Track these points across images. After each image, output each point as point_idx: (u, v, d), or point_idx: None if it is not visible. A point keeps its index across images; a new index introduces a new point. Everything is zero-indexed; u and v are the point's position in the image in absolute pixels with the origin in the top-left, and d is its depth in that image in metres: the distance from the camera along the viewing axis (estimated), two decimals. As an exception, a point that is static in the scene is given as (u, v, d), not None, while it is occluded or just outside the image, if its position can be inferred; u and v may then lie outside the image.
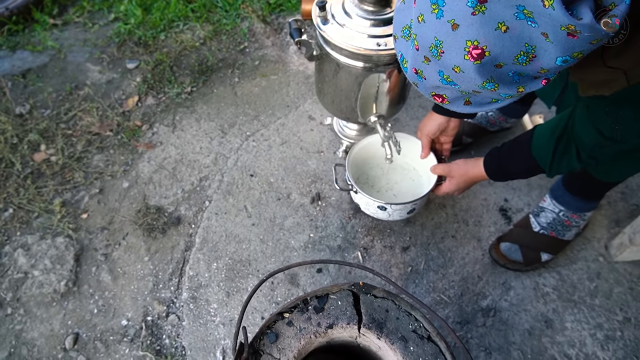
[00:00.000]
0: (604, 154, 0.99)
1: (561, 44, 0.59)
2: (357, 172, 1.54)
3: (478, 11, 0.59)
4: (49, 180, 1.66)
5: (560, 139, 1.04)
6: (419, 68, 0.72)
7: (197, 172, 1.68)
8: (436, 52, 0.66)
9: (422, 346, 0.99)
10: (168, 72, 1.96)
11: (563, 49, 0.60)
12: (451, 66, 0.66)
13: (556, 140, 1.05)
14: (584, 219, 1.43)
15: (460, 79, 0.68)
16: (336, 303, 1.03)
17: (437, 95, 0.77)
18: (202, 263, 1.48)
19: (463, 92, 0.73)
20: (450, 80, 0.70)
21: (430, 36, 0.65)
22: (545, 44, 0.61)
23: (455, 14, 0.61)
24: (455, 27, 0.62)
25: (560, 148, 1.05)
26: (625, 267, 1.45)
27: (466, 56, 0.63)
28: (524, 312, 1.39)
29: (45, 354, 1.35)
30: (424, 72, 0.72)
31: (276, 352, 0.98)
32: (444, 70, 0.69)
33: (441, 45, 0.65)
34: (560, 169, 1.09)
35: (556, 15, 0.55)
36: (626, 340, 1.33)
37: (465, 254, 1.49)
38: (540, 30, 0.59)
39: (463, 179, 1.32)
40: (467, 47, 0.62)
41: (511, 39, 0.61)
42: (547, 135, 1.08)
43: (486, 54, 0.62)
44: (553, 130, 1.06)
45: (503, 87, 0.68)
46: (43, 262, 1.49)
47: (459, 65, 0.65)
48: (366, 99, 1.42)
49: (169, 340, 1.37)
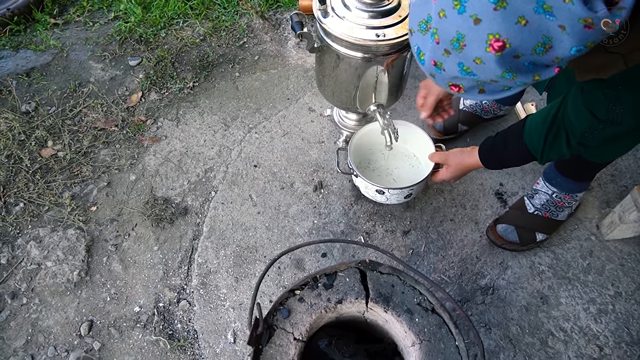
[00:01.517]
0: (593, 140, 1.05)
1: (577, 35, 0.65)
2: (359, 157, 1.60)
3: (500, 6, 0.64)
4: (58, 174, 1.71)
5: (551, 127, 1.10)
6: (438, 60, 0.77)
7: (202, 164, 1.73)
8: (458, 45, 0.71)
9: (427, 317, 1.05)
10: (170, 68, 2.00)
11: (578, 40, 0.65)
12: (472, 58, 0.71)
13: (547, 128, 1.10)
14: (576, 200, 1.49)
15: (480, 70, 0.73)
16: (344, 280, 1.09)
17: (454, 85, 0.82)
18: (210, 251, 1.53)
19: (480, 81, 0.78)
20: (470, 71, 0.74)
21: (452, 30, 0.70)
22: (562, 36, 0.66)
23: (478, 9, 0.66)
24: (478, 21, 0.67)
25: (551, 136, 1.10)
26: (616, 245, 1.52)
27: (487, 48, 0.68)
28: (521, 290, 1.45)
29: (61, 341, 1.40)
30: (444, 64, 0.77)
31: (289, 326, 1.04)
32: (464, 62, 0.74)
33: (463, 39, 0.70)
34: (550, 156, 1.14)
35: (575, 10, 0.61)
36: (617, 313, 1.40)
37: (463, 237, 1.55)
38: (557, 23, 0.64)
39: (459, 167, 1.37)
40: (488, 40, 0.67)
41: (530, 31, 0.66)
42: (539, 123, 1.13)
43: (507, 46, 0.67)
44: (544, 118, 1.11)
45: (520, 76, 0.73)
46: (55, 253, 1.53)
47: (480, 57, 0.70)
48: (366, 88, 1.48)
49: (180, 325, 1.42)
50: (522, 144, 1.18)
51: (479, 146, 1.31)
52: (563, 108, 1.07)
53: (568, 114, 1.05)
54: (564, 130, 1.07)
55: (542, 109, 1.16)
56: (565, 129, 1.07)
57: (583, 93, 0.99)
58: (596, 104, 0.96)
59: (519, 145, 1.19)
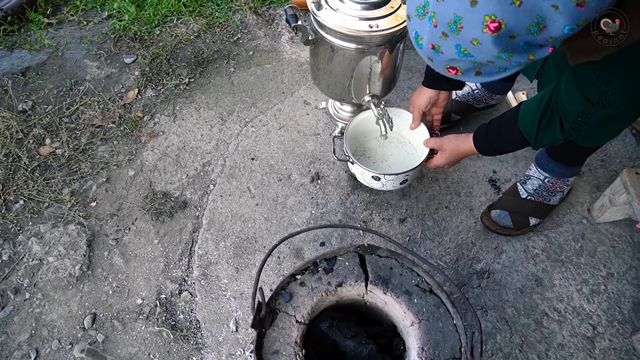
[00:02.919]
0: (586, 123, 1.08)
1: (570, 14, 0.67)
2: (355, 144, 1.62)
3: None
4: (57, 171, 1.72)
5: (545, 112, 1.13)
6: (436, 43, 0.80)
7: (200, 158, 1.75)
8: (455, 28, 0.74)
9: (425, 298, 1.07)
10: (165, 64, 2.02)
11: (571, 19, 0.68)
12: (469, 39, 0.74)
13: (541, 114, 1.13)
14: (567, 184, 1.53)
15: (477, 51, 0.75)
16: (344, 264, 1.12)
17: (451, 67, 0.84)
18: (210, 242, 1.56)
19: (476, 63, 0.80)
20: (467, 52, 0.77)
21: (450, 13, 0.73)
22: (555, 15, 0.68)
23: None
24: (474, 3, 0.69)
25: (544, 120, 1.13)
26: (607, 228, 1.56)
27: (484, 29, 0.71)
28: (515, 273, 1.48)
29: (65, 334, 1.42)
30: (441, 47, 0.80)
31: (291, 309, 1.06)
32: (461, 44, 0.76)
33: (460, 21, 0.72)
34: (544, 141, 1.18)
35: None
36: (610, 293, 1.44)
37: (458, 223, 1.58)
38: (550, 2, 0.67)
39: (454, 153, 1.40)
40: (484, 22, 0.70)
41: (524, 12, 0.68)
42: (533, 109, 1.17)
43: (502, 27, 0.70)
44: (538, 104, 1.15)
45: (516, 56, 0.76)
46: (57, 248, 1.55)
47: (477, 38, 0.73)
48: (360, 79, 1.51)
49: (183, 315, 1.44)
50: (516, 130, 1.21)
51: (473, 132, 1.34)
52: (556, 93, 1.10)
53: (561, 98, 1.08)
54: (557, 115, 1.10)
55: (536, 95, 1.19)
56: (558, 113, 1.10)
57: (576, 77, 1.02)
58: (589, 86, 0.99)
59: (513, 130, 1.22)
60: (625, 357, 1.33)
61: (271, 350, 1.01)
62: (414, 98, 1.49)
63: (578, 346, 1.35)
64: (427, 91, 1.44)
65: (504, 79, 1.68)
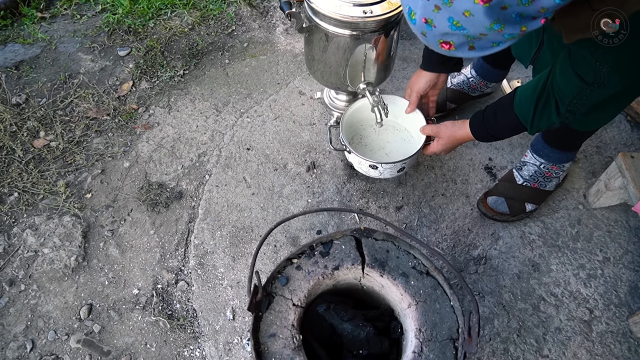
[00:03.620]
0: (581, 106, 1.08)
1: None
2: (351, 133, 1.62)
3: None
4: (51, 164, 1.71)
5: (541, 96, 1.13)
6: (429, 17, 0.80)
7: (195, 149, 1.75)
8: (447, 0, 0.74)
9: (422, 280, 1.07)
10: (159, 57, 2.01)
11: None
12: (462, 11, 0.74)
13: (537, 97, 1.13)
14: (563, 170, 1.53)
15: (470, 23, 0.75)
16: (340, 247, 1.12)
17: (444, 42, 0.84)
18: (206, 232, 1.55)
19: (469, 37, 0.80)
20: (459, 25, 0.77)
21: None
22: None
23: None
24: None
25: (540, 104, 1.13)
26: (603, 213, 1.56)
27: (476, 0, 0.71)
28: (512, 259, 1.48)
29: (61, 325, 1.41)
30: (434, 21, 0.79)
31: (288, 293, 1.06)
32: (454, 17, 0.76)
33: None
34: (540, 125, 1.18)
35: None
36: (606, 277, 1.44)
37: (455, 210, 1.58)
38: None
39: (450, 139, 1.40)
40: None
41: None
42: (528, 93, 1.17)
43: None
44: (534, 88, 1.15)
45: (508, 27, 0.76)
46: (52, 240, 1.54)
47: (469, 9, 0.72)
48: (355, 67, 1.50)
49: (179, 304, 1.44)
50: (513, 114, 1.21)
51: (469, 118, 1.34)
52: (552, 76, 1.10)
53: (557, 80, 1.08)
54: (553, 98, 1.11)
55: (531, 80, 1.19)
56: (554, 96, 1.10)
57: (571, 57, 1.02)
58: (584, 65, 0.99)
59: (509, 115, 1.22)
60: (622, 339, 1.34)
61: (268, 333, 1.01)
62: (412, 82, 1.49)
63: (575, 330, 1.36)
64: (426, 74, 1.43)
65: (499, 66, 1.68)
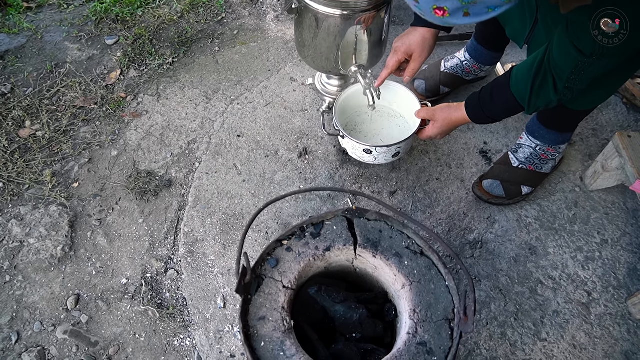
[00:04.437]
0: (579, 81, 1.04)
1: None
2: (345, 119, 1.59)
3: None
4: (37, 153, 1.67)
5: (538, 73, 1.09)
6: None
7: (184, 137, 1.71)
8: None
9: (416, 260, 1.04)
10: (148, 45, 1.98)
11: None
12: None
13: (534, 75, 1.10)
14: (559, 152, 1.50)
15: None
16: (331, 228, 1.08)
17: (438, 8, 0.81)
18: (196, 220, 1.52)
19: (464, 1, 0.78)
20: None
21: None
22: None
23: None
24: None
25: (537, 82, 1.10)
26: (600, 195, 1.53)
27: None
28: (509, 242, 1.46)
29: (47, 316, 1.37)
30: None
31: (278, 275, 1.03)
32: None
33: None
34: (538, 103, 1.15)
35: None
36: (604, 260, 1.42)
37: (450, 194, 1.55)
38: None
39: (446, 122, 1.37)
40: None
41: None
42: (525, 71, 1.14)
43: None
44: (530, 66, 1.12)
45: None
46: (38, 230, 1.50)
47: None
48: (346, 49, 1.47)
49: (169, 293, 1.40)
50: (509, 94, 1.18)
51: (465, 100, 1.31)
52: (549, 52, 1.07)
53: (554, 56, 1.05)
54: (550, 75, 1.08)
55: (528, 58, 1.16)
56: (552, 73, 1.07)
57: (568, 29, 0.99)
58: (582, 36, 0.96)
59: (506, 95, 1.19)
60: (621, 321, 1.31)
61: (257, 317, 0.97)
62: (404, 39, 1.40)
63: (573, 312, 1.33)
64: (420, 30, 1.37)
65: (493, 49, 1.65)
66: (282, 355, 0.92)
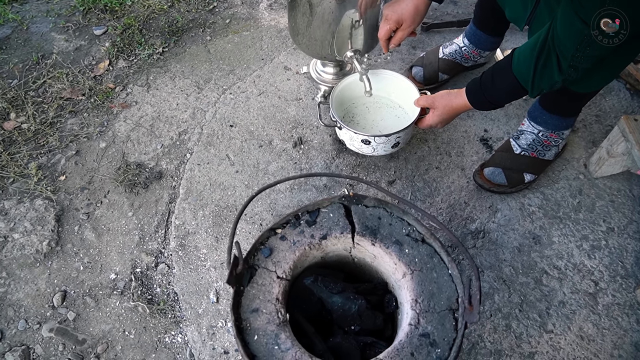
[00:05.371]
0: (584, 59, 0.98)
1: None
2: (342, 110, 1.54)
3: None
4: (22, 146, 1.61)
5: (541, 53, 1.04)
6: None
7: (175, 127, 1.65)
8: None
9: (417, 248, 0.99)
10: (137, 35, 1.92)
11: None
12: None
13: (537, 55, 1.04)
14: (562, 137, 1.45)
15: None
16: (328, 215, 1.03)
17: None
18: (187, 212, 1.46)
19: None
20: None
21: None
22: None
23: None
24: None
25: (540, 62, 1.05)
26: (605, 182, 1.49)
27: None
28: (512, 232, 1.41)
29: (32, 313, 1.31)
30: None
31: (271, 265, 0.97)
32: None
33: None
34: (542, 85, 1.09)
35: None
36: (611, 248, 1.37)
37: (450, 183, 1.50)
38: None
39: (446, 109, 1.31)
40: None
41: None
42: (527, 52, 1.08)
43: None
44: (533, 46, 1.06)
45: None
46: (22, 224, 1.44)
47: None
48: (341, 33, 1.42)
49: (160, 288, 1.35)
50: (512, 77, 1.13)
51: (465, 86, 1.26)
52: (552, 30, 1.01)
53: (558, 33, 0.99)
54: (554, 54, 1.02)
55: (530, 39, 1.11)
56: (555, 52, 1.02)
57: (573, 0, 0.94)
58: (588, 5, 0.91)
59: (508, 78, 1.14)
60: (630, 311, 1.26)
61: (250, 309, 0.92)
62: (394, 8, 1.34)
63: (580, 303, 1.28)
64: None
65: (492, 33, 1.60)
66: (276, 349, 0.87)
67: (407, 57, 1.82)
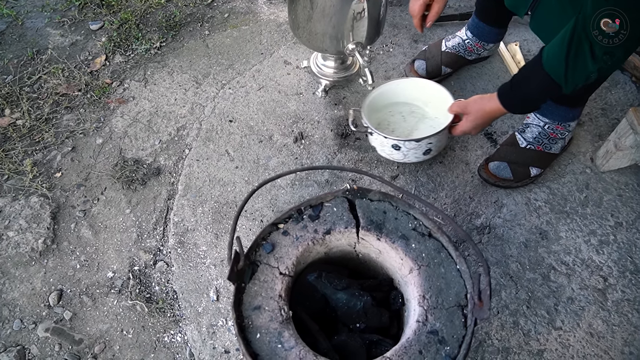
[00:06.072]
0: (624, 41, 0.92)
1: None
2: (378, 118, 1.48)
3: None
4: (17, 142, 1.58)
5: (571, 43, 0.97)
6: None
7: (173, 123, 1.62)
8: None
9: (424, 242, 0.96)
10: (134, 29, 1.88)
11: None
12: None
13: (567, 46, 0.98)
14: (569, 130, 1.42)
15: None
16: (331, 210, 1.00)
17: None
18: (186, 209, 1.43)
19: None
20: None
21: None
22: None
23: None
24: None
25: (572, 53, 0.98)
26: (612, 176, 1.46)
27: None
28: (518, 227, 1.38)
29: (28, 313, 1.28)
30: None
31: (273, 261, 0.94)
32: None
33: None
34: (575, 78, 1.03)
35: None
36: (620, 243, 1.34)
37: (454, 178, 1.47)
38: None
39: (480, 114, 1.27)
40: None
41: None
42: (556, 46, 1.02)
43: None
44: (562, 39, 1.00)
45: None
46: (17, 222, 1.41)
47: None
48: (343, 24, 1.39)
49: (158, 287, 1.31)
50: (543, 74, 1.07)
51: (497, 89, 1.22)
52: (582, 16, 0.96)
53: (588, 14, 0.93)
54: (586, 42, 0.95)
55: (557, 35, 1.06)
56: (588, 40, 0.95)
57: None
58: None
59: (539, 76, 1.08)
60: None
61: (252, 306, 0.89)
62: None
63: (589, 299, 1.25)
64: None
65: (496, 25, 1.57)
66: (279, 347, 0.84)
67: (409, 51, 1.79)
